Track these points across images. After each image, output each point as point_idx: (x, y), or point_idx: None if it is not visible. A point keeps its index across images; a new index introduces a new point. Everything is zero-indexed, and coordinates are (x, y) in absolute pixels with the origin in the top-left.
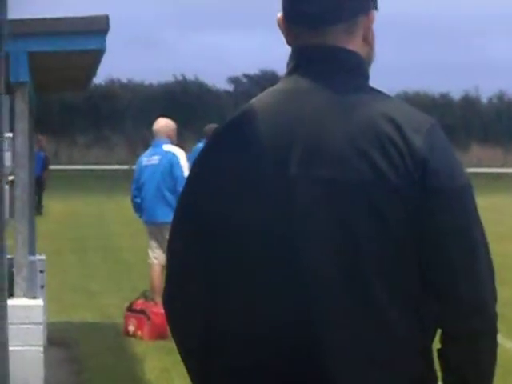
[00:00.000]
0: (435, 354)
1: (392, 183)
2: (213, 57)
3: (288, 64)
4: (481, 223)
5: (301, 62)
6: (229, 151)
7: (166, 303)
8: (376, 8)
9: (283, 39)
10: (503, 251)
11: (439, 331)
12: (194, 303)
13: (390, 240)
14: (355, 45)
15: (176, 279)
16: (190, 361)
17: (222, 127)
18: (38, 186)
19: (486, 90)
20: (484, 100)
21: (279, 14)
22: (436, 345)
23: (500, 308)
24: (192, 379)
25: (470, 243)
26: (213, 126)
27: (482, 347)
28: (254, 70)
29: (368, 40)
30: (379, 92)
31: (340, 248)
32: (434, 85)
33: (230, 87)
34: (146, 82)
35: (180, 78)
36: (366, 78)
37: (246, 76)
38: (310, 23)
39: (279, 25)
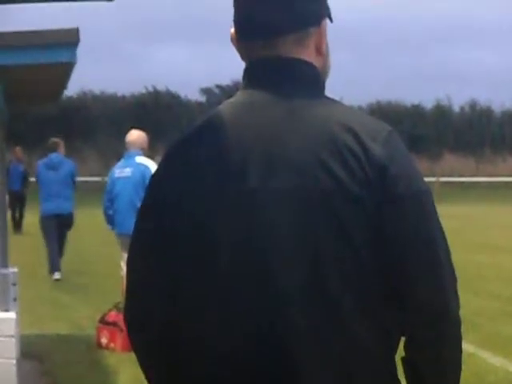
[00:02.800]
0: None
1: (351, 192)
2: (185, 68)
3: (243, 78)
4: (441, 229)
5: (255, 74)
6: (186, 165)
7: (127, 317)
8: (330, 18)
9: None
10: (477, 261)
11: (403, 339)
12: (154, 317)
13: (352, 249)
14: (308, 56)
15: (135, 292)
16: (152, 375)
17: (180, 141)
18: (19, 201)
19: (458, 99)
20: (456, 109)
21: (232, 30)
22: (400, 353)
23: (473, 317)
24: None
25: (431, 249)
26: (54, 139)
27: (447, 353)
28: (226, 81)
29: (321, 51)
30: (336, 102)
31: (305, 259)
32: (407, 95)
33: (202, 98)
34: (119, 94)
35: (151, 89)
36: (322, 88)
37: (218, 87)
38: (259, 35)
39: (232, 41)
